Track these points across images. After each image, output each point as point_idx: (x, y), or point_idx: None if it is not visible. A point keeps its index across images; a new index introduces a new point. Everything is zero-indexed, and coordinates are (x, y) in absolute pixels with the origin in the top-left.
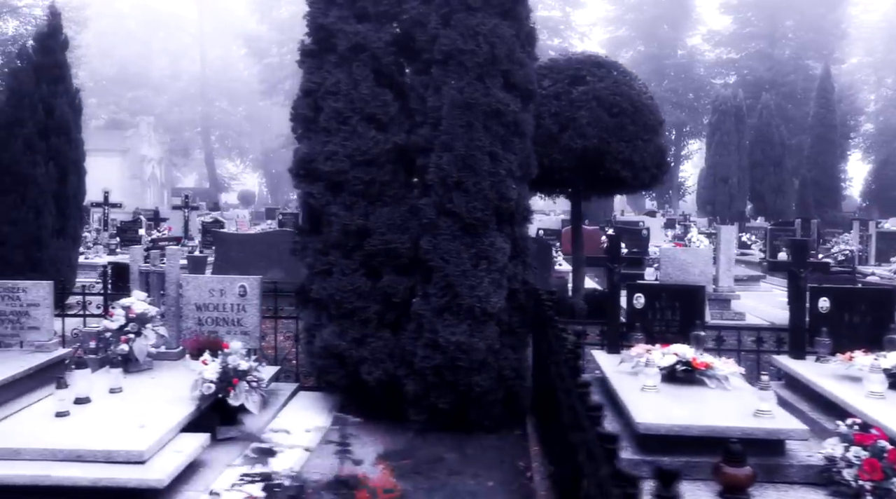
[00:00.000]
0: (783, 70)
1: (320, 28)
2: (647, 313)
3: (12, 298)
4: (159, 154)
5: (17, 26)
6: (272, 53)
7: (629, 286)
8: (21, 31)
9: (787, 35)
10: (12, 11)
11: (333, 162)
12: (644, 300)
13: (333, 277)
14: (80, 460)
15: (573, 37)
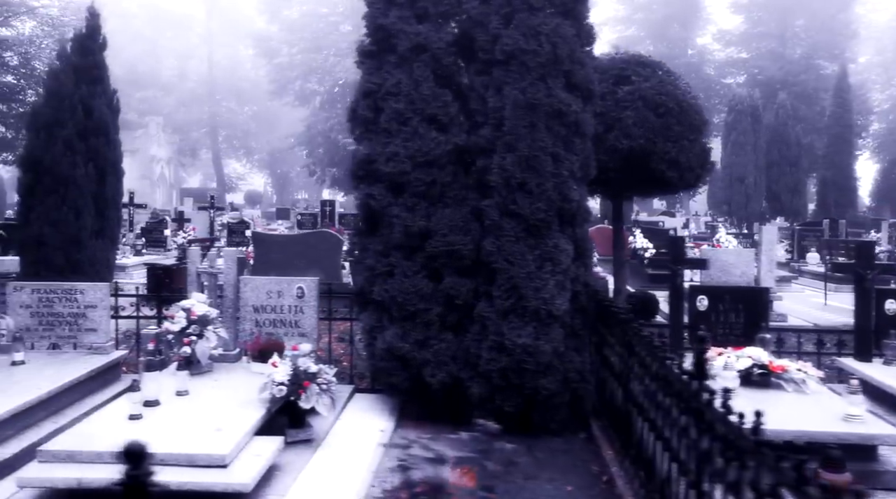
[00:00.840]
0: (794, 70)
1: (380, 28)
2: (711, 316)
3: (69, 300)
4: (168, 154)
5: (33, 27)
6: (282, 54)
7: (692, 288)
8: (37, 32)
9: (798, 35)
10: (29, 12)
11: (395, 163)
12: (707, 302)
13: (395, 278)
14: (162, 463)
15: None
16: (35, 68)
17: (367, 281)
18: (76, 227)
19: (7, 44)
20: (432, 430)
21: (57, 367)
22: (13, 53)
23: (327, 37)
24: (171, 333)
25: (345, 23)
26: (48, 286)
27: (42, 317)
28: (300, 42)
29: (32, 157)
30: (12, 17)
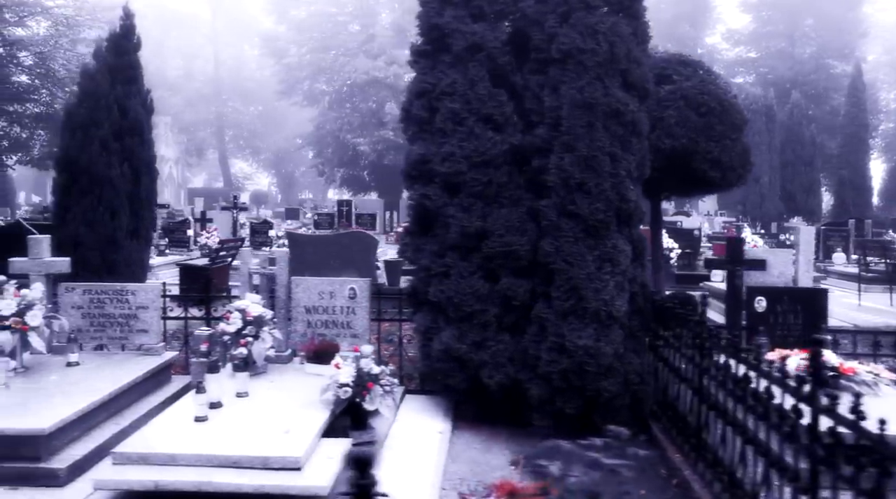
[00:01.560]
0: (804, 69)
1: (434, 28)
2: (769, 317)
3: (121, 301)
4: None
5: (48, 27)
6: (291, 53)
7: (749, 289)
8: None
9: (808, 34)
10: (44, 12)
11: (451, 163)
12: (766, 304)
13: (451, 279)
14: (236, 465)
15: None
16: (51, 68)
17: (422, 282)
18: (112, 227)
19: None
20: (490, 431)
21: (112, 368)
22: (28, 53)
23: (335, 37)
24: (227, 334)
25: (353, 22)
26: (100, 287)
27: (93, 318)
28: (309, 42)
29: (68, 157)
30: (27, 16)
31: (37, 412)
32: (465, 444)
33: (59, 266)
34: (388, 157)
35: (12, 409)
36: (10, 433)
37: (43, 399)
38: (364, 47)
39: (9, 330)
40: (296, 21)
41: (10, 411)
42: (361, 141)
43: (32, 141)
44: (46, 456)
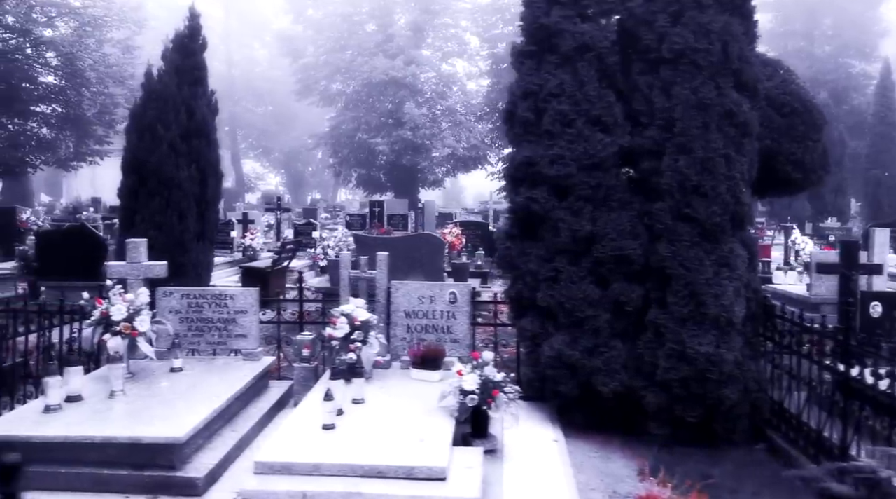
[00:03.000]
0: (823, 69)
1: (540, 28)
2: (885, 322)
3: (219, 306)
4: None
5: (76, 27)
6: (308, 53)
7: (863, 294)
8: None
9: (826, 33)
10: (72, 12)
11: (560, 166)
12: (881, 309)
13: (561, 284)
14: (381, 475)
15: None
16: (78, 68)
17: (528, 287)
18: (180, 229)
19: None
20: (602, 440)
21: (218, 374)
22: (54, 54)
23: (351, 37)
24: (335, 339)
25: (369, 22)
26: (198, 291)
27: (191, 322)
28: (327, 42)
29: (137, 159)
30: (56, 17)
31: (165, 420)
32: (582, 453)
33: (157, 270)
34: (405, 157)
35: (138, 416)
36: (147, 441)
37: (164, 406)
38: (382, 47)
39: (120, 336)
40: (312, 21)
41: (136, 418)
42: (379, 141)
43: (58, 142)
44: (180, 464)
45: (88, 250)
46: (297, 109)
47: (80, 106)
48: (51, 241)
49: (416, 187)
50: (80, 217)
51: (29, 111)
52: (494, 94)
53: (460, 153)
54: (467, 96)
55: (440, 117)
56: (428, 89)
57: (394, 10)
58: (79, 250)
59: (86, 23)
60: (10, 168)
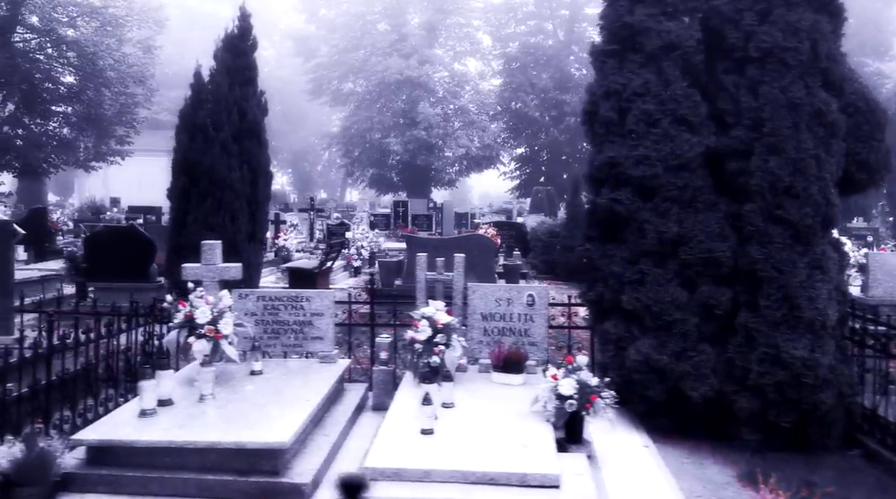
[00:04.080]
0: None
1: (624, 27)
2: None
3: (295, 308)
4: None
5: (97, 27)
6: (321, 53)
7: None
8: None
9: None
10: (94, 12)
11: (646, 166)
12: None
13: (647, 287)
14: (492, 482)
15: None
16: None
17: (611, 289)
18: (232, 230)
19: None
20: (691, 445)
21: (299, 377)
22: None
23: (364, 36)
24: (418, 342)
25: (382, 22)
26: (274, 293)
27: (267, 325)
28: (340, 42)
29: (188, 160)
30: (78, 16)
31: (263, 424)
32: (674, 459)
33: (233, 273)
34: (420, 157)
35: (234, 421)
36: (252, 446)
37: (257, 410)
38: (396, 46)
39: (205, 339)
40: (325, 21)
41: (233, 423)
42: (393, 141)
43: (78, 142)
44: (283, 470)
45: (137, 251)
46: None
47: (101, 106)
48: (100, 242)
49: (429, 187)
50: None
51: (50, 111)
52: (508, 94)
53: (474, 153)
54: (480, 96)
55: (452, 117)
56: (440, 89)
57: (407, 10)
58: (128, 251)
59: (107, 22)
60: (32, 168)
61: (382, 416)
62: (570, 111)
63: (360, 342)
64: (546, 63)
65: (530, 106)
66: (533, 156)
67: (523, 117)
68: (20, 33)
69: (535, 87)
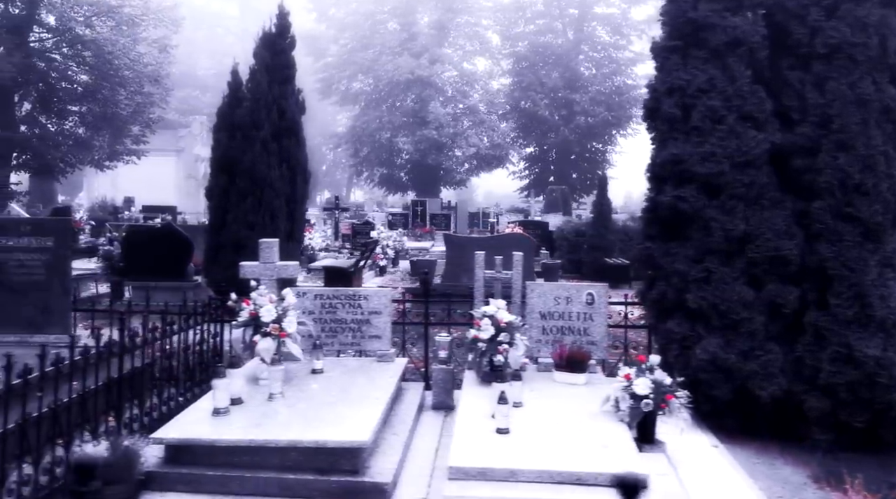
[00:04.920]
0: None
1: (688, 22)
2: None
3: (353, 306)
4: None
5: (112, 26)
6: (331, 52)
7: None
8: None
9: None
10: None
11: (711, 163)
12: None
13: (712, 285)
14: (579, 482)
15: (632, 34)
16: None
17: (674, 288)
18: (272, 229)
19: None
20: (758, 445)
21: (363, 375)
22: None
23: (374, 35)
24: (481, 340)
25: (391, 21)
26: (331, 292)
27: (325, 323)
28: (350, 41)
29: (228, 158)
30: (94, 16)
31: (337, 423)
32: (745, 459)
33: (291, 271)
34: (430, 156)
35: (308, 419)
36: (332, 445)
37: (328, 409)
38: (406, 45)
39: (270, 337)
40: (335, 20)
41: (307, 421)
42: (404, 140)
43: (94, 141)
44: (362, 469)
45: (174, 250)
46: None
47: (117, 105)
48: (137, 241)
49: (438, 187)
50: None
51: (66, 110)
52: (518, 93)
53: (484, 152)
54: (489, 95)
55: (461, 116)
56: (450, 88)
57: (416, 9)
58: (165, 250)
59: (122, 22)
60: (48, 168)
61: (442, 415)
62: (580, 111)
63: (413, 341)
64: (555, 62)
65: (540, 105)
66: (542, 155)
67: (533, 117)
68: (36, 33)
69: (544, 86)
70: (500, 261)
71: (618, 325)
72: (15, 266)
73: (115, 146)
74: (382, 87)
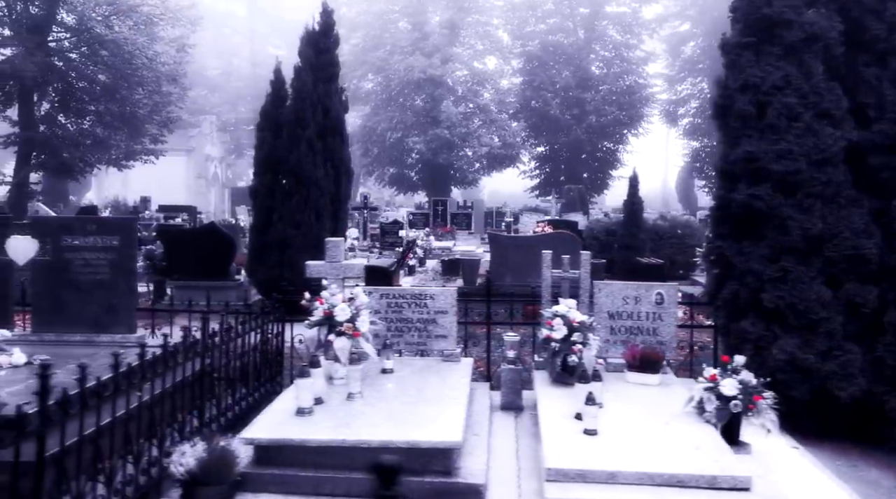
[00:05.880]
0: None
1: (762, 18)
2: None
3: (419, 306)
4: (220, 153)
5: (131, 26)
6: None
7: None
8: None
9: None
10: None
11: (788, 161)
12: None
13: (789, 285)
14: (680, 485)
15: (643, 32)
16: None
17: (749, 287)
18: (317, 228)
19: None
20: (836, 447)
21: (434, 375)
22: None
23: (385, 35)
24: (554, 340)
25: (402, 20)
26: (398, 291)
27: (391, 322)
28: (361, 41)
29: (274, 157)
30: (113, 16)
31: (426, 423)
32: (827, 462)
33: (356, 270)
34: (442, 155)
35: (394, 419)
36: (425, 446)
37: (409, 408)
38: (418, 45)
39: (345, 336)
40: (346, 20)
41: (396, 422)
42: (416, 139)
43: (112, 141)
44: (454, 470)
45: (217, 250)
46: None
47: (136, 104)
48: (179, 240)
49: (449, 186)
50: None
51: (85, 110)
52: (529, 92)
53: (496, 151)
54: (500, 94)
55: (472, 115)
56: (460, 87)
57: (427, 8)
58: (208, 250)
59: (140, 21)
60: (68, 167)
61: (513, 416)
62: (592, 110)
63: (475, 341)
64: (566, 61)
65: (551, 104)
66: (552, 154)
67: (544, 116)
68: (55, 32)
69: (555, 85)
70: (568, 260)
71: (684, 325)
72: (80, 265)
73: (134, 146)
74: (394, 87)
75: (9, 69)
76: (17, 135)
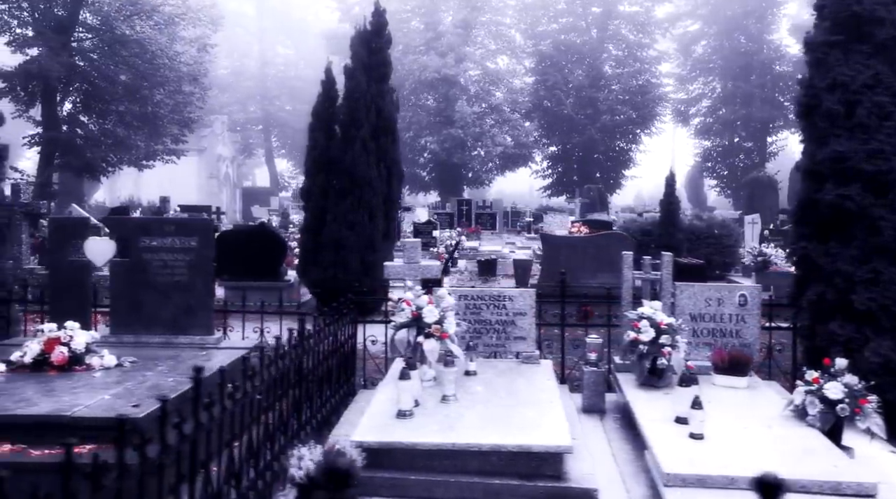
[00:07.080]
0: None
1: (851, 16)
2: None
3: (497, 307)
4: (231, 153)
5: (151, 25)
6: None
7: None
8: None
9: None
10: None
11: (879, 161)
12: None
13: (881, 286)
14: (803, 490)
15: (656, 31)
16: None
17: (836, 289)
18: (370, 228)
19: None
20: None
21: (520, 377)
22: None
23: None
24: (642, 343)
25: (414, 20)
26: (476, 292)
27: (469, 324)
28: None
29: (327, 158)
30: (134, 16)
31: (531, 427)
32: None
33: (434, 271)
34: (455, 155)
35: (498, 423)
36: (537, 450)
37: (510, 411)
38: (432, 45)
39: (433, 338)
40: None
41: (499, 425)
42: (430, 139)
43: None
44: (563, 474)
45: (266, 250)
46: None
47: (158, 104)
48: (231, 241)
49: (461, 186)
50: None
51: (107, 110)
52: (542, 92)
53: (510, 151)
54: (513, 94)
55: (485, 115)
56: (473, 86)
57: (439, 7)
58: (259, 251)
59: (161, 21)
60: (91, 167)
61: (598, 418)
62: (605, 109)
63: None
64: (579, 61)
65: (564, 104)
66: (565, 154)
67: (557, 115)
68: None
69: (568, 84)
70: (650, 261)
71: (776, 327)
72: (159, 266)
73: (155, 146)
74: (407, 87)
75: (35, 69)
76: (41, 135)
